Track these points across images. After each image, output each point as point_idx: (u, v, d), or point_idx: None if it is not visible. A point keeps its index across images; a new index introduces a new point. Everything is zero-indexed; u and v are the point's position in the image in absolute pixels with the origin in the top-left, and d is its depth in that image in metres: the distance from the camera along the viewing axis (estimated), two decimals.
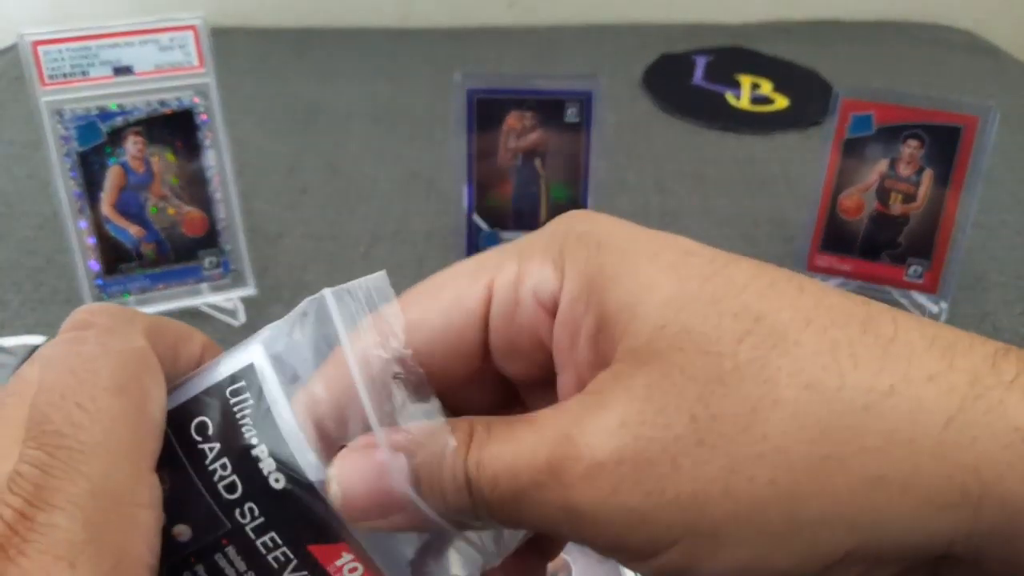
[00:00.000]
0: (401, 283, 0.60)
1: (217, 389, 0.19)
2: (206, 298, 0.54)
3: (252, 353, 0.19)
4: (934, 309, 0.55)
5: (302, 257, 0.61)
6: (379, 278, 0.20)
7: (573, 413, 0.18)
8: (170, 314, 0.54)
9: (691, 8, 1.07)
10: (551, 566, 0.32)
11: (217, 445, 0.19)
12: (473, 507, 0.18)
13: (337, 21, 1.04)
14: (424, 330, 0.19)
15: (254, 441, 0.19)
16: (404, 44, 0.96)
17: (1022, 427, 0.16)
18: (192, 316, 0.55)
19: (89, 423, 0.17)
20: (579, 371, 0.19)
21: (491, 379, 0.21)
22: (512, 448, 0.17)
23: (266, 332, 0.20)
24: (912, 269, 0.56)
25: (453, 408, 0.20)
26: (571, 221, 0.19)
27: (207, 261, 0.54)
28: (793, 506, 0.16)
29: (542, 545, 0.22)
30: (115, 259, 0.52)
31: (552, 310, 0.19)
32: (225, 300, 0.54)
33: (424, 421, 0.18)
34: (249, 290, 0.54)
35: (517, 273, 0.19)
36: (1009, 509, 0.16)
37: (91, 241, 0.51)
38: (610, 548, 0.17)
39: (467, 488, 0.18)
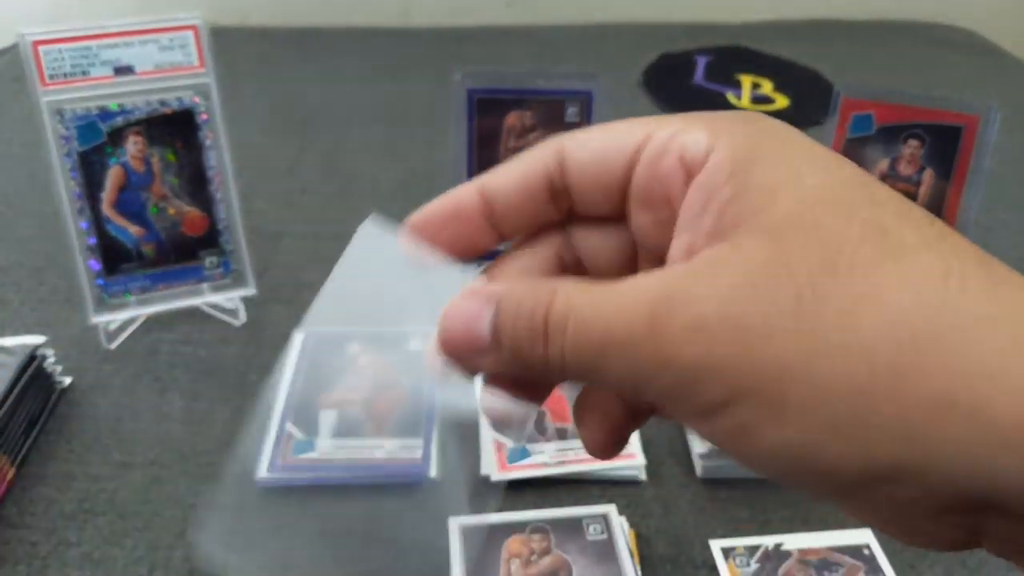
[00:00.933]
0: None
1: None
2: (207, 298, 0.54)
3: None
4: None
5: (302, 257, 0.61)
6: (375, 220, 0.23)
7: (682, 275, 0.18)
8: (171, 314, 0.54)
9: (692, 8, 1.07)
10: (551, 565, 0.31)
11: None
12: (547, 356, 0.19)
13: (337, 21, 1.04)
14: (584, 150, 0.21)
15: None
16: (404, 44, 0.96)
17: None
18: (193, 316, 0.55)
19: None
20: (694, 237, 0.19)
21: (620, 244, 0.22)
22: (608, 301, 0.18)
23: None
24: None
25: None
26: (741, 112, 0.21)
27: (207, 261, 0.54)
28: (863, 402, 0.16)
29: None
30: (116, 259, 0.52)
31: (691, 171, 0.20)
32: (226, 300, 0.54)
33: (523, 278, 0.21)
34: (249, 290, 0.54)
35: (676, 130, 0.20)
36: None
37: (92, 241, 0.51)
38: (682, 399, 0.18)
39: (543, 337, 0.19)
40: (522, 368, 0.19)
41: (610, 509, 0.35)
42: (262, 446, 0.44)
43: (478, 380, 0.21)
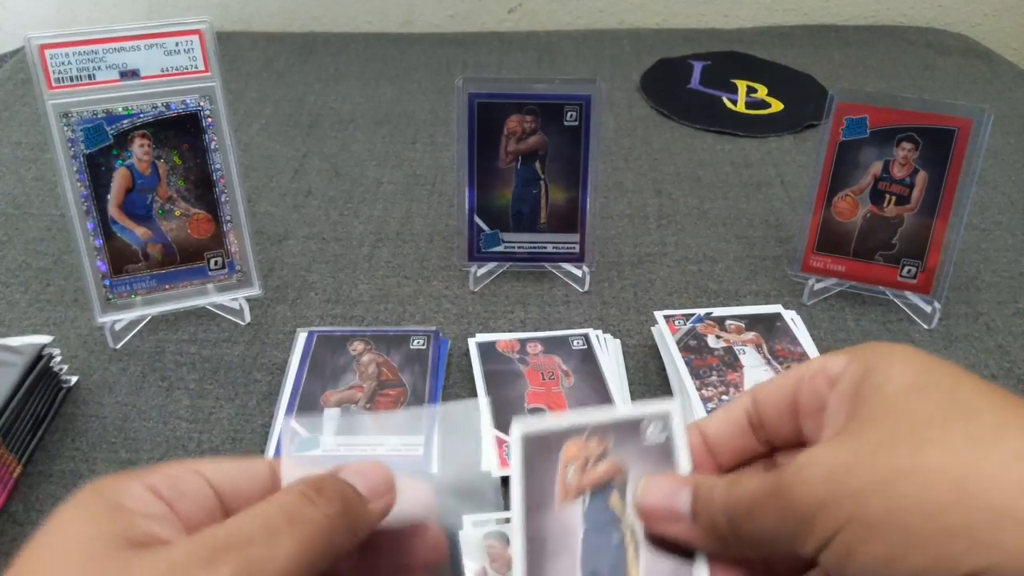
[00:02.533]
0: (404, 283, 0.61)
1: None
2: (212, 298, 0.55)
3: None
4: (927, 309, 0.56)
5: (307, 258, 0.62)
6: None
7: (801, 456, 0.25)
8: (176, 314, 0.55)
9: (688, 14, 1.08)
10: (606, 472, 0.32)
11: None
12: (734, 526, 0.26)
13: (341, 26, 1.05)
14: (768, 385, 0.30)
15: None
16: (407, 49, 0.97)
17: None
18: (198, 316, 0.56)
19: None
20: (828, 432, 0.26)
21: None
22: (745, 481, 0.26)
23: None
24: (906, 270, 0.56)
25: None
26: (872, 343, 0.29)
27: (213, 262, 0.54)
28: (936, 516, 0.21)
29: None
30: (122, 260, 0.53)
31: (834, 383, 0.27)
32: (231, 300, 0.55)
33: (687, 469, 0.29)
34: (254, 290, 0.55)
35: (827, 358, 0.28)
36: None
37: (98, 242, 0.52)
38: (801, 537, 0.23)
39: (724, 513, 0.26)
40: (710, 537, 0.27)
41: (672, 407, 0.32)
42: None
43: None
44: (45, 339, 0.49)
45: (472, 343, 0.52)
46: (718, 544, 0.27)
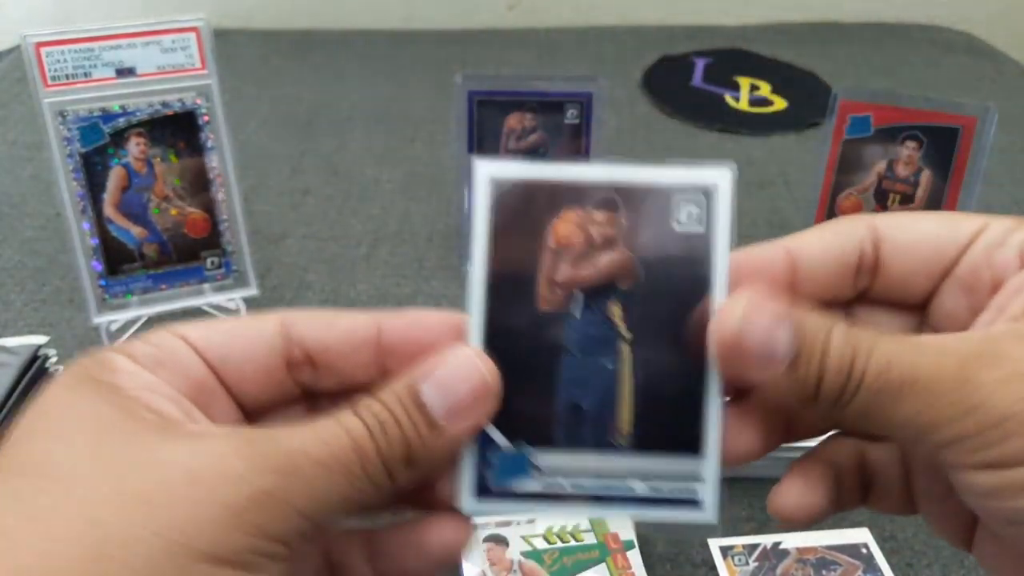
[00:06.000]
0: (403, 284, 0.60)
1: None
2: (208, 298, 0.54)
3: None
4: None
5: (304, 257, 0.62)
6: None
7: (995, 337, 0.19)
8: (172, 314, 0.55)
9: (690, 10, 1.08)
10: (610, 267, 0.23)
11: None
12: (844, 387, 0.19)
13: (339, 23, 1.04)
14: (910, 232, 0.22)
15: None
16: (405, 46, 0.97)
17: None
18: (194, 316, 0.55)
19: None
20: (1002, 315, 0.20)
21: (905, 329, 0.23)
22: (914, 346, 0.19)
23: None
24: None
25: None
26: None
27: (209, 262, 0.54)
28: None
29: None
30: (118, 260, 0.52)
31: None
32: (228, 300, 0.55)
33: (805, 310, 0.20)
34: (251, 290, 0.55)
35: (1013, 227, 0.22)
36: None
37: (94, 242, 0.51)
38: (978, 447, 0.18)
39: (849, 367, 0.19)
40: (804, 396, 0.19)
41: (719, 177, 0.23)
42: None
43: None
44: (40, 339, 0.48)
45: None
46: (801, 403, 0.19)
